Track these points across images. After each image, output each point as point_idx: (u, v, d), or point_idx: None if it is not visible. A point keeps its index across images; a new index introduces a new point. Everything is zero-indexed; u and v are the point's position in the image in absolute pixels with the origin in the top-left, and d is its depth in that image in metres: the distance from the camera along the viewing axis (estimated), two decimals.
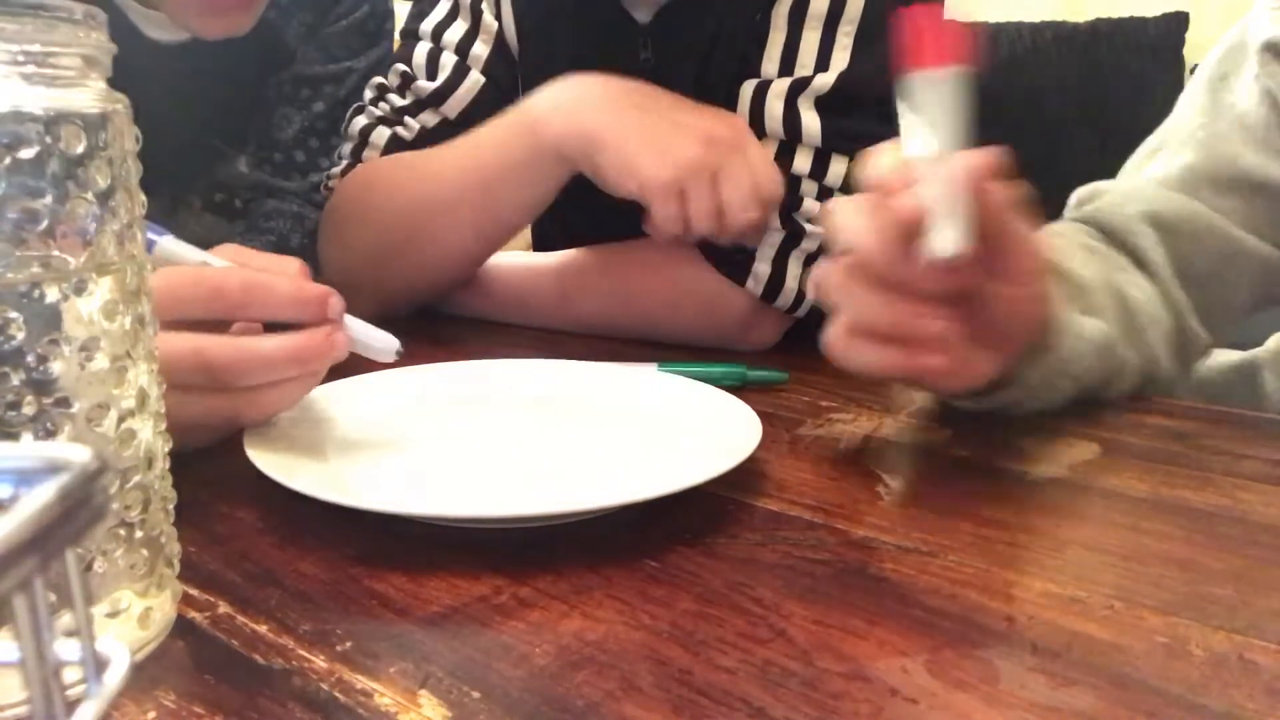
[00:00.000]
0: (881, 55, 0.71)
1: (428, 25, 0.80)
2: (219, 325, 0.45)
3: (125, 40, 0.31)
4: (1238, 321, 0.70)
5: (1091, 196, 0.70)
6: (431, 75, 0.79)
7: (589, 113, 0.67)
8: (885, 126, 0.71)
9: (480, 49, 0.80)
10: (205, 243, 0.52)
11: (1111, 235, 0.66)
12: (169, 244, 0.48)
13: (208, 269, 0.45)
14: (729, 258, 0.71)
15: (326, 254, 0.80)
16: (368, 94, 0.81)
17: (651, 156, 0.64)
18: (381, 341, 0.50)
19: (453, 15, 0.80)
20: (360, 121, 0.79)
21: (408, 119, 0.79)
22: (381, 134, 0.78)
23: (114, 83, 0.31)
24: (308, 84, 0.84)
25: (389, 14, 0.89)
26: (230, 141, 0.84)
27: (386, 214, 0.76)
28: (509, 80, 0.80)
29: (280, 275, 0.45)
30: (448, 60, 0.79)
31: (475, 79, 0.79)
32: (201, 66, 0.72)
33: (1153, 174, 0.69)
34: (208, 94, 0.78)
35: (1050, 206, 0.68)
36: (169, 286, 0.43)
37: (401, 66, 0.79)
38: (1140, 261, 0.65)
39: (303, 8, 0.83)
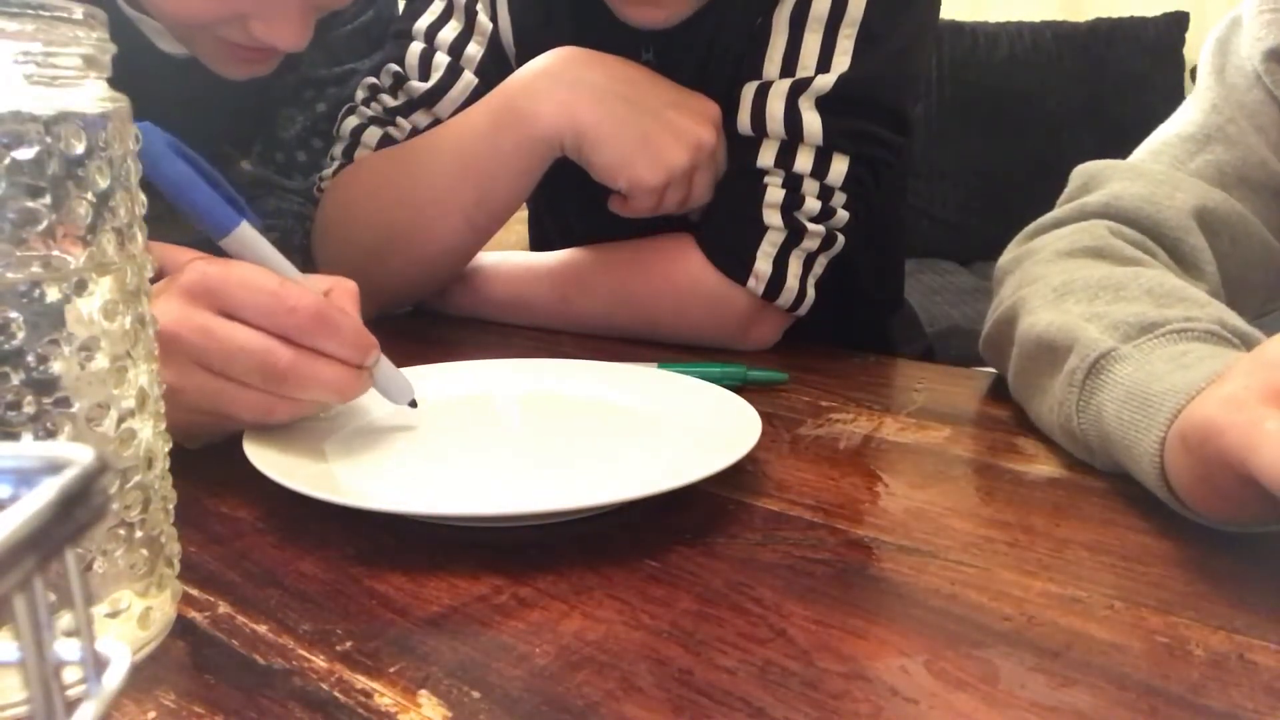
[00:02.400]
0: (883, 56, 0.71)
1: (420, 25, 0.80)
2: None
3: (139, 53, 0.31)
4: None
5: (1097, 176, 0.66)
6: (424, 76, 0.79)
7: (581, 105, 0.68)
8: (885, 125, 0.72)
9: (474, 50, 0.80)
10: (208, 238, 0.52)
11: (1159, 235, 0.61)
12: (249, 233, 0.47)
13: (289, 284, 0.45)
14: (730, 257, 0.71)
15: (322, 254, 0.79)
16: (360, 94, 0.81)
17: (645, 160, 0.68)
18: (400, 387, 0.51)
19: (446, 16, 0.80)
20: (352, 122, 0.79)
21: (400, 119, 0.79)
22: (373, 134, 0.78)
23: (128, 94, 0.31)
24: (311, 85, 0.84)
25: (395, 17, 0.89)
26: (236, 144, 0.84)
27: (377, 210, 0.76)
28: (502, 81, 0.80)
29: (341, 311, 0.46)
30: (440, 61, 0.79)
31: (468, 80, 0.79)
32: (207, 77, 0.72)
33: (1184, 164, 0.66)
34: (217, 103, 0.78)
35: (1051, 206, 0.68)
36: (247, 285, 0.44)
37: (394, 67, 0.79)
38: (1188, 265, 0.60)
39: None
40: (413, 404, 0.52)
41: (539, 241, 1.01)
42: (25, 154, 0.27)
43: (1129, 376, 0.44)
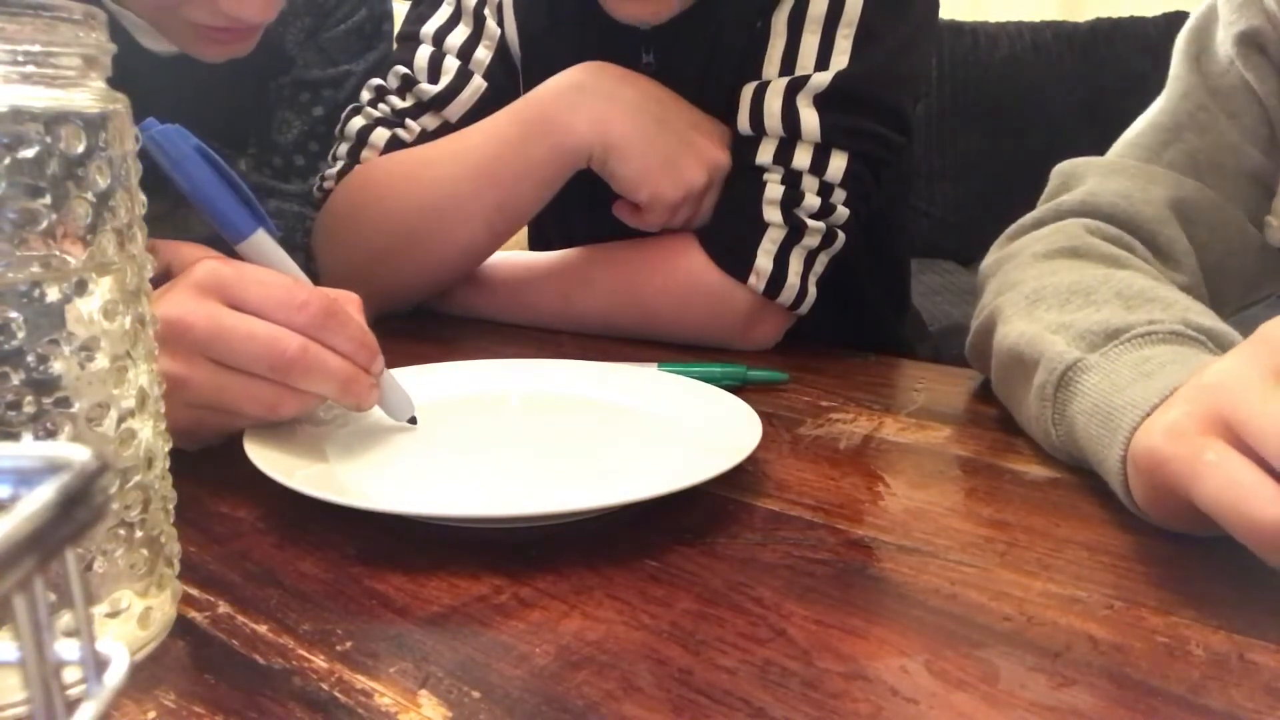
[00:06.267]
0: (881, 55, 0.71)
1: (429, 29, 0.80)
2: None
3: (125, 51, 0.31)
4: (1227, 319, 0.68)
5: (1075, 174, 0.67)
6: (434, 79, 0.79)
7: (615, 120, 0.70)
8: (883, 124, 0.72)
9: (483, 54, 0.80)
10: (209, 240, 0.52)
11: (1136, 229, 0.61)
12: (265, 240, 0.48)
13: (301, 283, 0.46)
14: (731, 254, 0.71)
15: (325, 255, 0.79)
16: (365, 95, 0.81)
17: (668, 177, 0.70)
18: (401, 402, 0.52)
19: (455, 20, 0.81)
20: (358, 123, 0.79)
21: (409, 121, 0.79)
22: (381, 135, 0.78)
23: (113, 88, 0.31)
24: (307, 88, 0.84)
25: (386, 15, 0.89)
26: (231, 144, 0.84)
27: (391, 212, 0.76)
28: (510, 85, 0.80)
29: (350, 314, 0.47)
30: (450, 64, 0.79)
31: (478, 84, 0.79)
32: (198, 76, 0.72)
33: (1159, 154, 0.66)
34: (206, 101, 0.78)
35: None
36: (260, 281, 0.45)
37: (402, 69, 0.79)
38: (1165, 257, 0.61)
39: (301, 13, 0.83)
40: (412, 420, 0.52)
41: (538, 241, 1.01)
42: (25, 154, 0.27)
43: (1095, 387, 0.45)
